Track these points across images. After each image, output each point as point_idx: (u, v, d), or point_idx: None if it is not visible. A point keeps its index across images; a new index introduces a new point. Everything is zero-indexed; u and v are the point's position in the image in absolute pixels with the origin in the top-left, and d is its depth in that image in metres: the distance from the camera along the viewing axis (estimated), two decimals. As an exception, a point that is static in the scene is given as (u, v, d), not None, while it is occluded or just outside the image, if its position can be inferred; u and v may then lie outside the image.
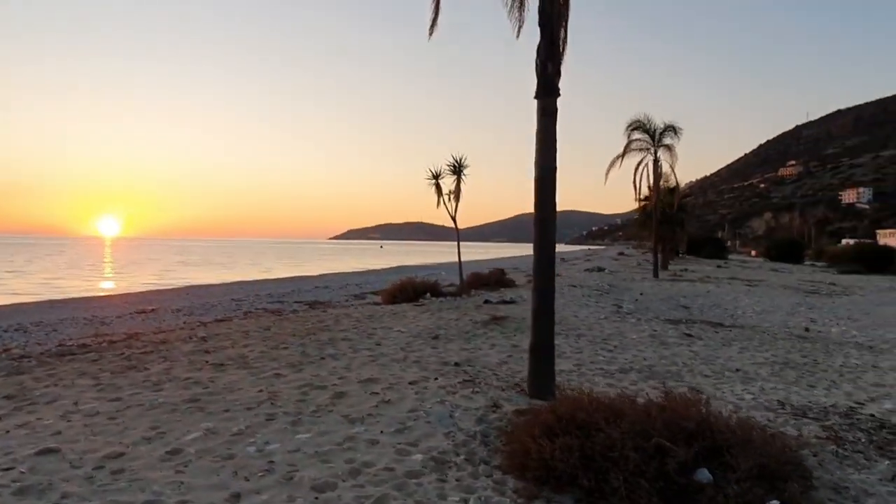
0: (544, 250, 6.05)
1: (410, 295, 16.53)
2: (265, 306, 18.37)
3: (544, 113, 6.05)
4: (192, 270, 51.80)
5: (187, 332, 11.93)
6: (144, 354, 8.70)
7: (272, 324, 12.13)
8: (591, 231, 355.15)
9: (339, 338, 9.66)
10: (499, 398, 5.85)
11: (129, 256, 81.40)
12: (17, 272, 45.24)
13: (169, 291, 30.37)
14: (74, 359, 8.66)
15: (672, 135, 25.82)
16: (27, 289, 32.04)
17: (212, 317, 15.61)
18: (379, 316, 12.69)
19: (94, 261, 68.44)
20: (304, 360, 7.85)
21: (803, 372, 8.03)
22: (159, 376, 7.02)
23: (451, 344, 9.14)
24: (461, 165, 18.01)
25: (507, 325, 10.83)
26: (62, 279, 39.64)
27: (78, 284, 36.17)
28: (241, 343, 9.56)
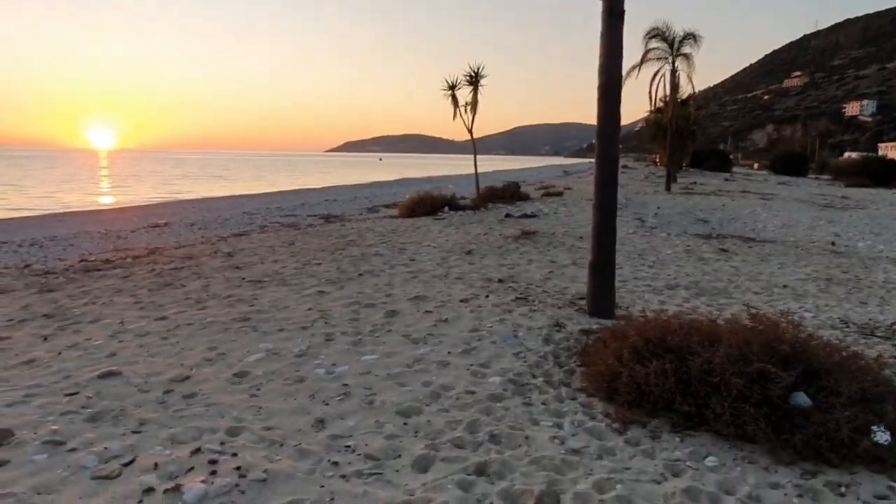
0: (607, 166, 5.72)
1: (428, 208, 16.24)
2: (279, 220, 18.08)
3: (611, 13, 5.55)
4: (194, 183, 51.11)
5: (209, 246, 11.71)
6: (175, 271, 8.50)
7: (295, 238, 11.91)
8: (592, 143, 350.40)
9: (371, 253, 9.45)
10: (559, 317, 5.69)
11: (126, 169, 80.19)
12: (14, 186, 44.58)
13: (174, 204, 29.98)
14: (104, 275, 8.45)
15: (692, 43, 24.71)
16: (29, 203, 31.63)
17: (228, 231, 15.35)
18: (403, 230, 12.45)
19: (90, 174, 67.47)
20: (343, 276, 7.65)
21: (850, 288, 7.89)
22: (199, 294, 6.83)
23: (486, 259, 8.94)
24: (478, 76, 17.24)
25: (538, 239, 10.61)
26: (63, 193, 39.11)
27: (80, 198, 35.69)
28: (271, 259, 9.35)
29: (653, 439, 3.47)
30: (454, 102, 17.65)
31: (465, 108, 17.75)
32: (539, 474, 3.04)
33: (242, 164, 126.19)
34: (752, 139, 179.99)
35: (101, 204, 30.84)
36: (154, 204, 31.31)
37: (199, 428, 3.45)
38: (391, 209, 20.89)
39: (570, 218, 14.62)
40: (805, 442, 3.28)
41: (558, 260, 8.94)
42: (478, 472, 3.06)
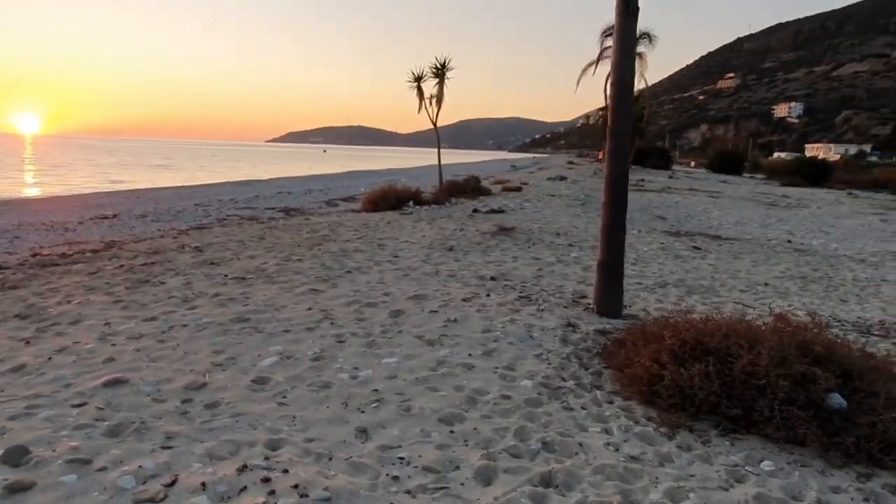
0: (618, 164, 5.69)
1: (393, 203, 16.00)
2: (237, 213, 17.47)
3: (626, 10, 5.51)
4: (133, 173, 48.92)
5: (172, 240, 11.16)
6: (146, 266, 8.03)
7: (263, 233, 11.49)
8: (535, 139, 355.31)
9: (351, 249, 9.19)
10: (569, 317, 5.64)
11: (56, 157, 76.16)
12: (-66, 171, 41.57)
13: (116, 195, 28.55)
14: (68, 271, 7.92)
15: (647, 42, 25.24)
16: (-47, 190, 29.50)
17: (185, 224, 14.71)
18: (374, 225, 12.21)
19: (17, 161, 63.71)
20: (331, 273, 7.40)
21: (826, 286, 8.18)
22: (182, 292, 6.46)
23: (470, 256, 8.83)
24: (445, 68, 17.07)
25: (516, 236, 10.58)
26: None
27: (11, 187, 33.59)
28: (245, 254, 8.97)
29: (704, 444, 3.44)
30: (419, 95, 17.44)
31: (431, 101, 17.52)
32: (607, 484, 2.96)
33: (181, 152, 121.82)
34: (688, 138, 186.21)
35: (36, 193, 29.09)
36: (95, 193, 29.77)
37: (234, 441, 3.21)
38: (350, 203, 20.54)
39: (537, 214, 14.67)
40: (856, 444, 3.32)
41: (542, 257, 8.92)
42: (544, 483, 2.96)
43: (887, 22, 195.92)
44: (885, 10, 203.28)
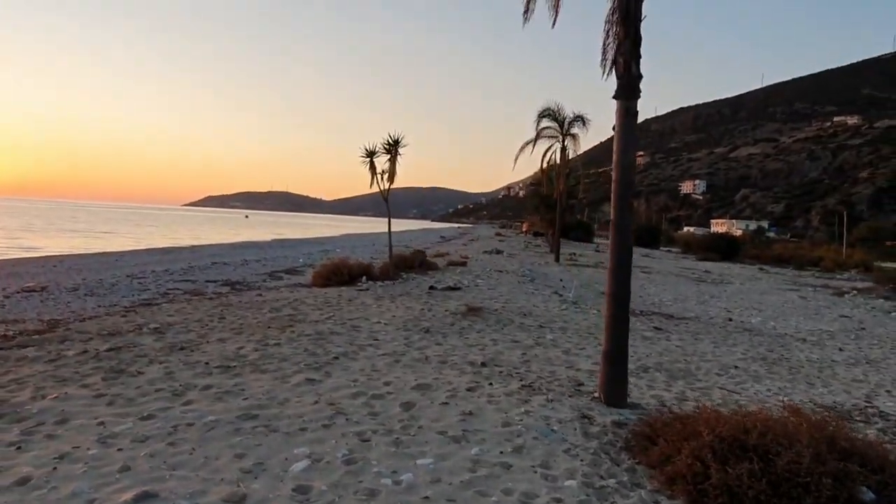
0: (622, 256, 5.94)
1: (345, 278, 15.84)
2: (177, 286, 16.74)
3: (627, 114, 5.91)
4: (45, 237, 46.21)
5: (122, 319, 10.55)
6: (112, 353, 7.54)
7: (221, 311, 11.06)
8: (458, 209, 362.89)
9: (326, 331, 8.98)
10: (579, 407, 5.70)
11: (-47, 217, 71.17)
12: None
13: (35, 262, 26.81)
14: (24, 357, 7.30)
15: (580, 124, 26.80)
16: None
17: (127, 299, 13.94)
18: (335, 303, 12.00)
19: None
20: (318, 360, 7.19)
21: (789, 368, 8.67)
22: (167, 383, 6.09)
23: (450, 339, 8.82)
24: (397, 145, 17.40)
25: (486, 316, 10.67)
26: None
27: None
28: (214, 337, 8.60)
29: (764, 545, 3.52)
30: (372, 169, 17.59)
31: (382, 176, 17.72)
32: None
33: (90, 215, 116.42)
34: (603, 211, 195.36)
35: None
36: (8, 260, 27.85)
37: (306, 565, 3.02)
38: (294, 276, 20.15)
39: (493, 291, 14.88)
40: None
41: (520, 339, 9.02)
42: None
43: (774, 110, 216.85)
44: (772, 99, 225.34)
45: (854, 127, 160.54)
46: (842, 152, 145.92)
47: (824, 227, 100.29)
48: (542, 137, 27.02)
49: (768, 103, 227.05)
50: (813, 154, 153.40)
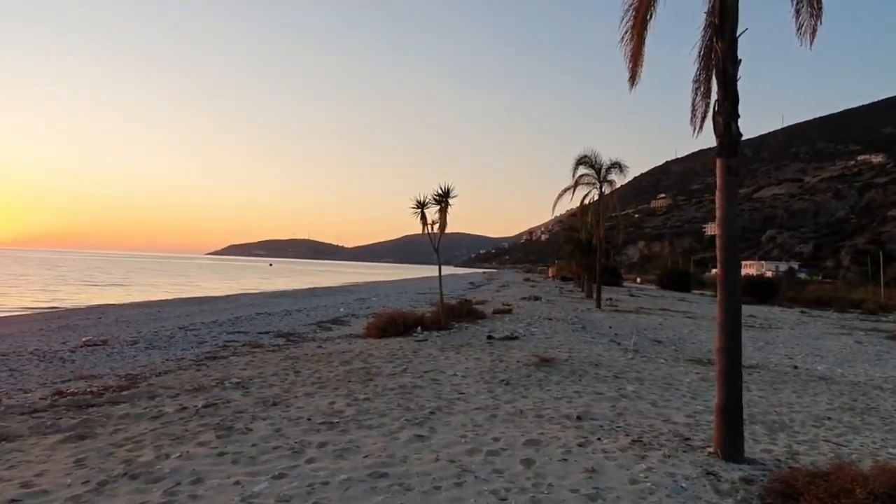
0: (732, 313, 5.97)
1: (401, 328, 15.93)
2: (232, 338, 16.95)
3: (728, 171, 6.03)
4: (78, 288, 47.19)
5: (197, 373, 10.72)
6: (210, 409, 7.66)
7: (293, 365, 11.18)
8: (480, 254, 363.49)
9: (408, 385, 9.04)
10: (700, 463, 5.66)
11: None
12: None
13: (78, 314, 27.41)
14: (126, 415, 7.44)
15: (617, 171, 27.05)
16: None
17: (189, 352, 14.15)
18: (402, 355, 12.08)
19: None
20: (416, 415, 7.22)
21: (880, 419, 8.50)
22: (281, 440, 6.16)
23: (532, 391, 8.82)
24: (447, 195, 17.68)
25: (560, 367, 10.66)
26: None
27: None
28: (300, 391, 8.70)
29: None
30: (422, 220, 17.84)
31: (433, 227, 17.95)
32: None
33: (119, 265, 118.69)
34: (627, 254, 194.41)
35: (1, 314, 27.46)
36: (54, 312, 28.48)
37: None
38: (343, 326, 20.28)
39: (551, 340, 14.85)
40: None
41: (602, 392, 8.98)
42: None
43: (797, 150, 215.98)
44: (794, 139, 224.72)
45: (879, 165, 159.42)
46: (868, 191, 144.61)
47: (855, 266, 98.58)
48: (580, 184, 27.27)
49: (790, 143, 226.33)
50: (839, 193, 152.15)
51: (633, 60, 6.98)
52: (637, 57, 6.92)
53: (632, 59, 7.00)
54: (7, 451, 6.09)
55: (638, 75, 7.02)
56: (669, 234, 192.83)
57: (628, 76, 7.17)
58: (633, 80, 7.06)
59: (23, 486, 5.03)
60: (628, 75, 7.19)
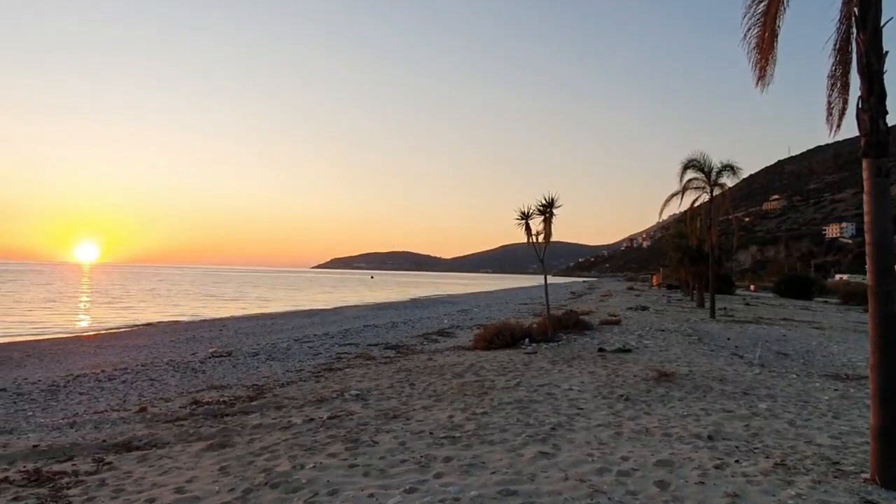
0: (886, 325, 5.47)
1: (508, 340, 15.86)
2: (344, 350, 17.51)
3: (878, 173, 5.54)
4: (202, 303, 50.49)
5: (316, 385, 11.14)
6: (335, 420, 7.93)
7: (407, 378, 11.38)
8: (579, 262, 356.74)
9: (524, 399, 8.96)
10: (855, 491, 5.20)
11: (119, 287, 79.57)
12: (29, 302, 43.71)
13: (199, 326, 29.37)
14: (259, 425, 7.84)
15: (729, 173, 25.70)
16: (39, 321, 30.77)
17: (306, 364, 14.74)
18: (513, 367, 12.00)
19: (91, 290, 66.68)
20: (538, 431, 7.13)
21: None
22: (407, 454, 6.25)
23: (655, 408, 8.47)
24: (551, 206, 17.47)
25: (682, 382, 10.20)
26: (53, 310, 38.39)
27: (102, 315, 34.96)
28: (417, 404, 8.83)
29: None
30: (527, 231, 17.73)
31: (537, 238, 17.79)
32: None
33: (231, 279, 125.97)
34: (738, 260, 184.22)
35: (133, 327, 29.99)
36: (180, 324, 30.65)
37: None
38: (449, 338, 20.45)
39: (667, 353, 14.26)
40: None
41: (732, 409, 8.47)
42: None
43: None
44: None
45: None
46: None
47: None
48: (689, 189, 26.12)
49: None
50: None
51: (762, 58, 6.59)
52: (768, 53, 6.52)
53: (761, 56, 6.61)
54: (159, 458, 6.58)
55: (769, 74, 6.62)
56: (785, 238, 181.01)
57: (756, 76, 6.77)
58: (763, 79, 6.66)
59: (177, 491, 5.40)
60: (756, 75, 6.80)
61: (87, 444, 7.28)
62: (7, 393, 11.23)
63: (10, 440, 7.64)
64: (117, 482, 5.72)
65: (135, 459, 6.55)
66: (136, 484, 5.65)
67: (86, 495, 5.39)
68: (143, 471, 6.08)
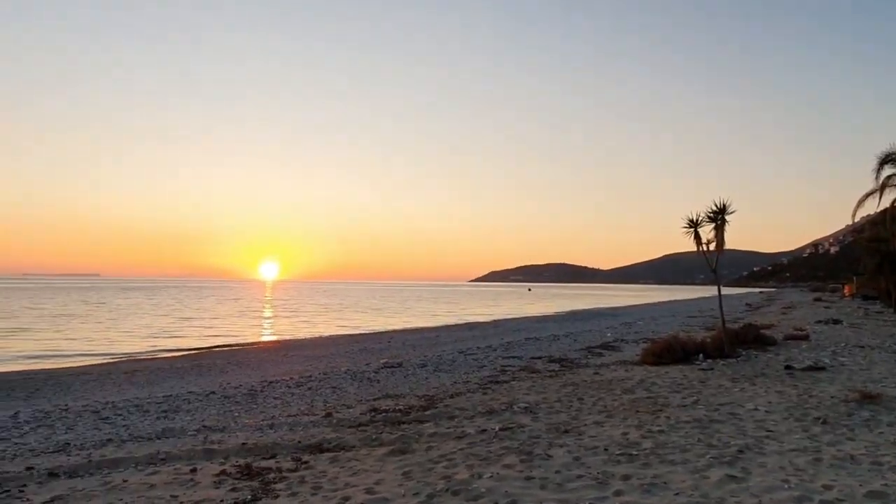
0: None
1: (680, 355, 15.06)
2: (508, 363, 17.65)
3: None
4: (370, 316, 53.54)
5: (484, 396, 11.32)
6: (507, 432, 8.04)
7: (575, 392, 11.23)
8: (753, 271, 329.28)
9: (703, 418, 8.46)
10: None
11: (297, 300, 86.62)
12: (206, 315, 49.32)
13: (369, 338, 31.20)
14: (434, 434, 8.17)
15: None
16: (233, 329, 34.47)
17: (472, 376, 15.05)
18: (688, 384, 11.39)
19: (276, 304, 73.53)
20: (721, 453, 6.69)
21: None
22: (583, 469, 6.18)
23: (859, 433, 7.58)
24: (723, 212, 16.40)
25: (890, 405, 9.07)
26: (276, 322, 42.51)
27: (284, 327, 38.61)
28: (587, 420, 8.68)
29: None
30: (696, 240, 16.79)
31: (707, 246, 16.78)
32: None
33: (395, 294, 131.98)
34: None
35: (315, 338, 32.73)
36: (352, 336, 32.80)
37: None
38: (612, 351, 19.86)
39: (868, 372, 12.73)
40: None
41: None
42: None
43: None
44: None
45: None
46: None
47: None
48: (889, 186, 23.17)
49: None
50: None
51: None
52: None
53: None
54: (347, 460, 7.10)
55: None
56: None
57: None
58: None
59: (367, 491, 5.80)
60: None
61: (285, 444, 8.05)
62: (216, 395, 12.75)
63: (223, 437, 8.66)
64: (315, 480, 6.27)
65: (327, 460, 7.13)
66: (331, 483, 6.15)
67: (290, 490, 5.97)
68: (336, 471, 6.60)
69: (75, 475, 6.87)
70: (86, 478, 6.76)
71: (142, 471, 6.94)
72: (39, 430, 9.82)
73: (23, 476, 6.88)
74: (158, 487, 6.19)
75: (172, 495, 5.91)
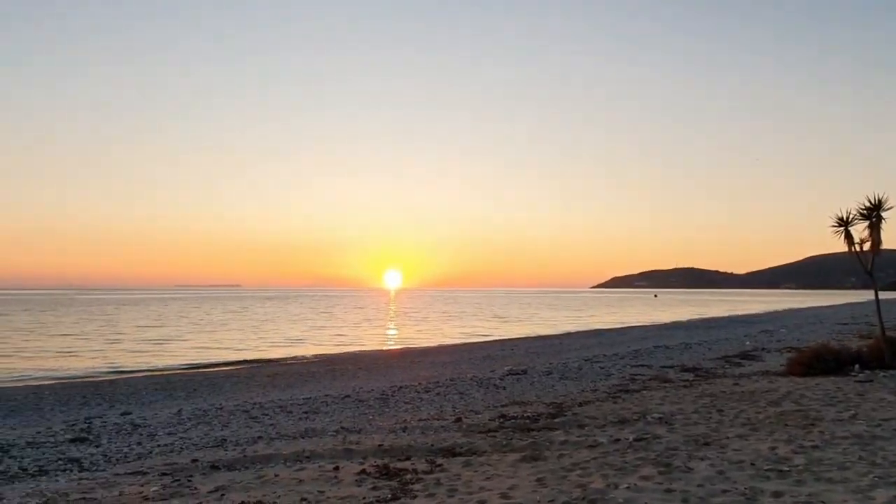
0: None
1: (831, 365, 13.84)
2: (637, 371, 17.07)
3: None
4: (493, 324, 53.82)
5: (615, 405, 11.03)
6: (642, 443, 7.80)
7: (711, 402, 10.67)
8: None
9: (864, 434, 7.72)
10: None
11: (420, 308, 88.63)
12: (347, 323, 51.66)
13: (491, 345, 31.37)
14: (565, 442, 8.09)
15: None
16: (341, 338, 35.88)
17: (600, 384, 14.70)
18: (843, 397, 10.46)
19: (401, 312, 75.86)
20: (888, 472, 6.10)
21: None
22: (726, 483, 5.85)
23: None
24: (879, 208, 14.92)
25: None
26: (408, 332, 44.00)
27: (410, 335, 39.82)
28: (731, 433, 8.20)
29: None
30: (847, 240, 15.40)
31: (861, 246, 15.33)
32: None
33: (515, 301, 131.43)
34: None
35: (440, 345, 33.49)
36: (476, 344, 33.15)
37: None
38: (751, 361, 18.62)
39: None
40: None
41: None
42: None
43: None
44: None
45: None
46: None
47: None
48: None
49: None
50: None
51: None
52: None
53: None
54: (480, 464, 7.20)
55: None
56: None
57: None
58: None
59: (502, 496, 5.85)
60: None
61: (418, 446, 8.30)
62: (351, 399, 13.38)
63: (361, 438, 9.08)
64: (450, 482, 6.41)
65: (460, 464, 7.27)
66: (465, 486, 6.27)
67: (426, 491, 6.15)
68: (470, 474, 6.72)
69: (233, 468, 7.50)
70: (242, 471, 7.36)
71: (290, 467, 7.44)
72: (199, 427, 10.81)
73: (189, 467, 7.62)
74: (306, 483, 6.61)
75: (319, 490, 6.28)
